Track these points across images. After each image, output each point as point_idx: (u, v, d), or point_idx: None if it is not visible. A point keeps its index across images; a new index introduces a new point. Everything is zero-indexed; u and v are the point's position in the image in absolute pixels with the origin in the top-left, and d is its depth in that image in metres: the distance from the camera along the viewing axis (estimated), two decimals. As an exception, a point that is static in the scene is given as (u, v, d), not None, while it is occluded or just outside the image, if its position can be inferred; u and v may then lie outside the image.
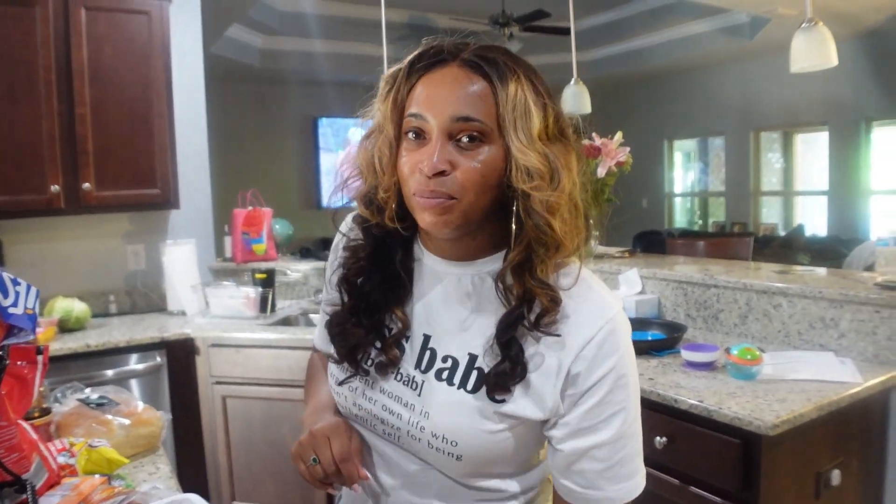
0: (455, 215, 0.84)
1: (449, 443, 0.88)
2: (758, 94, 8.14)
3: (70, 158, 2.92)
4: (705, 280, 2.52)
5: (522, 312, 0.86)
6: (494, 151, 0.83)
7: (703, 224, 9.65)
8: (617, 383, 0.87)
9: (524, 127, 0.82)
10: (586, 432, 0.87)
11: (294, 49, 7.66)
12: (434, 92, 0.84)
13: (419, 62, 0.87)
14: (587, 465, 0.88)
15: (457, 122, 0.82)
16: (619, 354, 0.87)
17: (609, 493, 0.88)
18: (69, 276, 3.22)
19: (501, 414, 0.87)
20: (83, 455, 1.26)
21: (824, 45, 2.44)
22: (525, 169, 0.82)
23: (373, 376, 0.95)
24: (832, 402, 1.75)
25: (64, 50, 2.89)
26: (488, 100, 0.83)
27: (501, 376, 0.86)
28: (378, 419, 0.95)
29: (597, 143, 2.92)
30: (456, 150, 0.83)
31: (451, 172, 0.83)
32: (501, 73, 0.83)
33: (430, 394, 0.91)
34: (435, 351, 0.93)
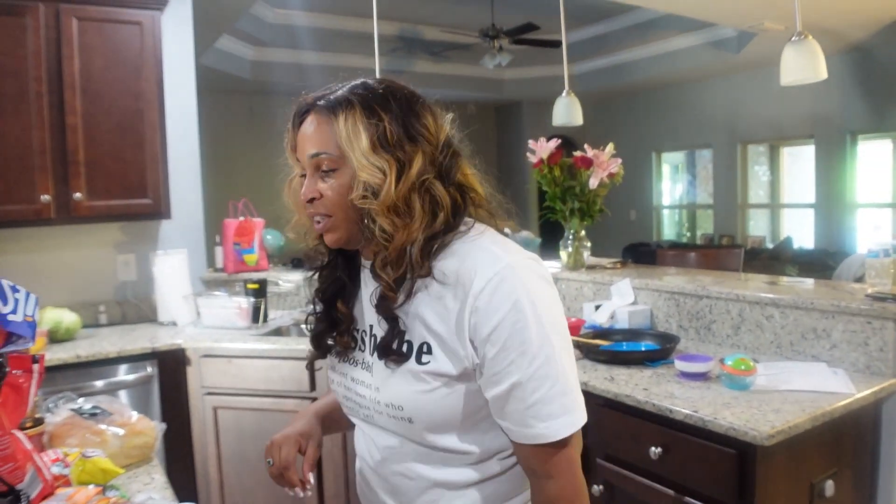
0: (338, 232, 1.05)
1: (397, 408, 1.04)
2: (745, 107, 8.23)
3: (61, 168, 2.90)
4: (697, 291, 2.53)
5: (379, 295, 1.04)
6: (345, 174, 1.01)
7: (691, 236, 9.71)
8: (514, 328, 0.96)
9: (358, 146, 0.99)
10: (500, 377, 0.98)
11: (285, 61, 7.66)
12: (300, 139, 1.06)
13: (295, 116, 1.09)
14: (512, 406, 0.99)
15: (312, 159, 1.03)
16: (513, 300, 0.96)
17: (539, 429, 0.98)
18: (59, 286, 3.19)
19: (428, 373, 1.01)
20: (77, 465, 1.25)
21: (814, 58, 2.48)
22: (363, 184, 0.99)
23: (344, 368, 1.15)
24: (826, 413, 1.76)
25: (55, 60, 2.88)
26: (329, 134, 1.01)
27: (384, 340, 1.04)
28: (357, 404, 1.12)
29: (588, 154, 2.94)
30: (320, 179, 1.03)
31: (321, 198, 1.03)
32: (336, 109, 1.02)
33: (378, 370, 1.07)
34: (376, 335, 1.09)
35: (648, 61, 8.16)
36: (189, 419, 2.86)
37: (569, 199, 2.96)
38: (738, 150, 8.57)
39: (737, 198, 8.67)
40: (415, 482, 1.09)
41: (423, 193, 1.01)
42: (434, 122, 1.05)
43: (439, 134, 1.05)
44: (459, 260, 1.00)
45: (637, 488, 1.93)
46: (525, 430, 0.99)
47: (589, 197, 2.94)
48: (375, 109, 1.01)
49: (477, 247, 1.02)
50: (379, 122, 1.00)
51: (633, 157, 9.00)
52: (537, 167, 2.99)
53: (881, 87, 6.68)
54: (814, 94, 6.50)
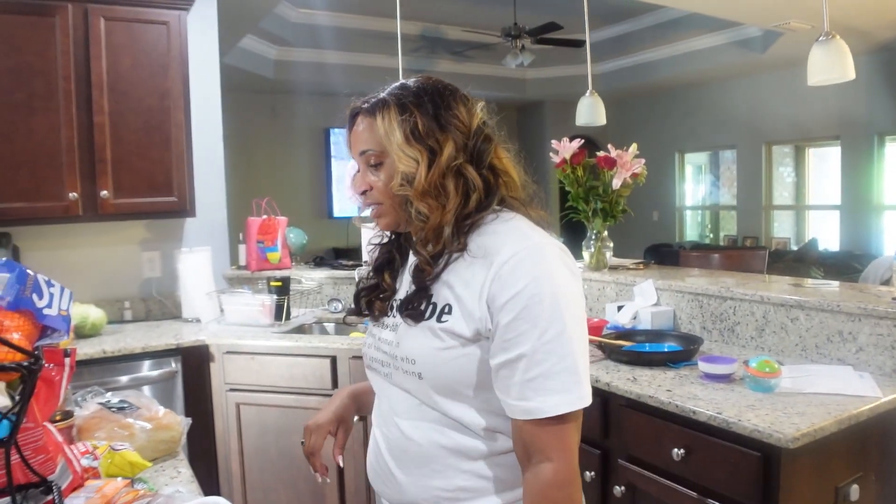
0: (387, 216, 1.17)
1: (410, 362, 1.11)
2: (770, 107, 8.14)
3: (88, 166, 2.95)
4: (721, 292, 2.52)
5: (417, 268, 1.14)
6: (389, 167, 1.13)
7: (713, 238, 9.62)
8: (531, 300, 1.02)
9: (394, 140, 1.10)
10: (508, 345, 1.03)
11: (307, 60, 7.71)
12: (352, 139, 1.18)
13: (349, 119, 1.19)
14: (515, 377, 1.03)
15: (361, 156, 1.16)
16: (534, 276, 1.03)
17: (536, 402, 1.02)
18: (85, 282, 3.24)
19: (444, 330, 1.08)
20: (106, 458, 1.27)
21: (842, 58, 2.45)
22: (401, 173, 1.10)
23: (375, 330, 1.23)
24: (852, 416, 1.74)
25: (83, 59, 2.93)
26: (372, 132, 1.13)
27: (407, 297, 1.14)
28: (380, 363, 1.20)
29: (612, 154, 2.93)
30: (370, 173, 1.16)
31: (371, 189, 1.16)
32: (375, 110, 1.13)
33: (401, 328, 1.15)
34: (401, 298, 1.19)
35: (672, 61, 8.10)
36: (212, 415, 2.89)
37: (592, 199, 2.95)
38: (763, 151, 8.48)
39: (761, 199, 8.58)
40: (423, 447, 1.12)
41: (457, 177, 1.11)
42: (465, 111, 1.15)
43: (471, 121, 1.14)
44: (491, 236, 1.09)
45: (659, 490, 1.92)
46: (522, 402, 1.02)
47: (612, 197, 2.93)
48: (407, 106, 1.12)
49: (510, 227, 1.11)
50: (410, 116, 1.11)
51: (656, 157, 8.93)
52: (560, 167, 2.98)
53: (909, 88, 6.59)
54: (841, 94, 6.42)
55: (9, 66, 2.80)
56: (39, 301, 0.89)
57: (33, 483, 1.02)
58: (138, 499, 1.11)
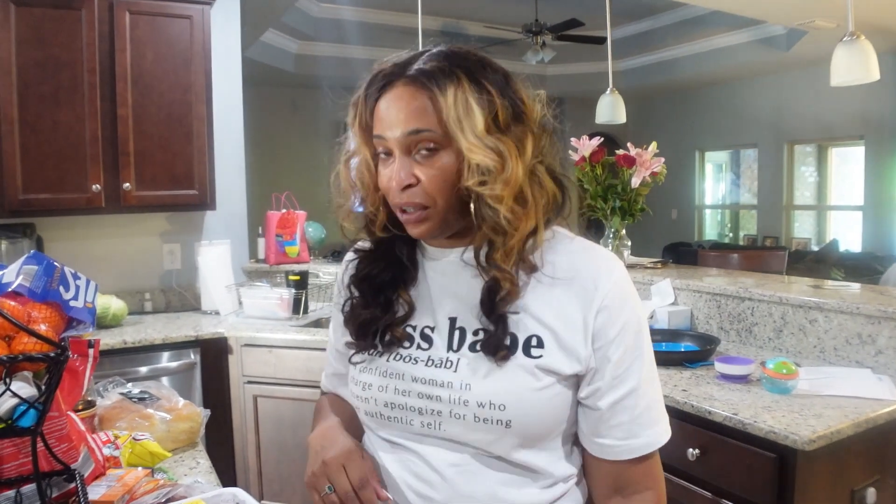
0: (432, 222, 0.92)
1: (497, 408, 0.90)
2: (792, 106, 8.05)
3: (111, 159, 2.99)
4: (739, 293, 2.50)
5: (489, 291, 0.93)
6: (449, 155, 0.89)
7: (733, 237, 9.54)
8: (637, 329, 0.94)
9: (470, 126, 0.87)
10: (619, 380, 0.93)
11: (329, 55, 7.73)
12: (386, 113, 0.91)
13: (371, 87, 0.94)
14: (623, 415, 0.93)
15: (409, 136, 0.89)
16: (633, 300, 0.95)
17: (646, 437, 0.94)
18: (107, 273, 3.29)
19: (541, 368, 0.91)
20: (127, 447, 1.29)
21: (866, 58, 2.43)
22: (475, 167, 0.87)
23: (394, 368, 0.97)
24: (869, 419, 1.73)
25: (108, 52, 2.96)
26: (433, 110, 0.88)
27: (493, 336, 0.91)
28: (415, 411, 0.95)
29: (631, 153, 2.92)
30: (417, 163, 0.90)
31: (418, 183, 0.90)
32: (440, 81, 0.88)
33: (467, 367, 0.93)
34: (464, 329, 0.96)
35: (694, 59, 8.03)
36: (230, 407, 2.92)
37: (610, 197, 2.94)
38: (785, 150, 8.39)
39: (782, 199, 8.49)
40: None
41: (532, 180, 0.92)
42: (530, 99, 0.95)
43: (534, 111, 0.95)
44: (567, 255, 0.95)
45: (674, 490, 1.92)
46: (631, 441, 0.93)
47: (630, 196, 2.92)
48: (483, 83, 0.89)
49: (581, 244, 0.98)
50: (490, 97, 0.89)
51: (676, 155, 8.87)
52: (579, 165, 2.98)
53: (936, 88, 6.48)
54: (865, 94, 6.32)
55: (36, 58, 2.84)
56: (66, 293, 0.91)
57: (57, 471, 1.04)
58: (158, 488, 1.13)
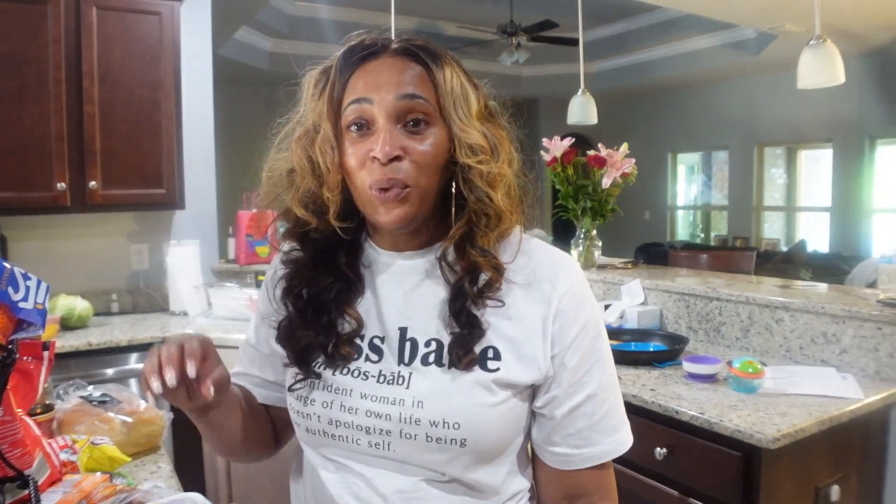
0: (411, 206, 0.84)
1: (451, 426, 0.84)
2: (762, 109, 8.16)
3: (77, 157, 2.93)
4: (708, 293, 2.52)
5: (464, 286, 0.87)
6: (439, 133, 0.85)
7: (705, 237, 9.65)
8: (594, 332, 0.90)
9: (463, 107, 0.85)
10: (576, 387, 0.89)
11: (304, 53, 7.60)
12: (374, 77, 0.84)
13: (352, 55, 0.87)
14: (580, 423, 0.89)
15: (403, 100, 0.83)
16: (590, 302, 0.91)
17: (605, 445, 0.90)
18: (72, 273, 3.23)
19: (498, 382, 0.86)
20: (85, 452, 1.26)
21: (832, 62, 2.46)
22: (468, 146, 0.84)
23: (340, 382, 0.90)
24: (833, 418, 1.75)
25: (74, 48, 2.91)
26: (427, 82, 0.85)
27: (461, 340, 0.86)
28: (362, 430, 0.88)
29: (602, 153, 2.93)
30: (404, 135, 0.83)
31: (404, 158, 0.83)
32: (435, 57, 0.86)
33: (420, 382, 0.87)
34: (416, 340, 0.90)
35: (667, 61, 8.11)
36: (198, 408, 2.88)
37: (581, 197, 2.95)
38: (755, 153, 8.51)
39: (752, 200, 8.61)
40: None
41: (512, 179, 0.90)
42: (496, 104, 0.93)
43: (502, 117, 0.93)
44: (523, 256, 0.90)
45: (642, 489, 1.93)
46: (587, 449, 0.90)
47: (601, 196, 2.94)
48: (469, 75, 0.89)
49: (537, 244, 0.93)
50: (475, 87, 0.88)
51: (649, 156, 8.95)
52: (551, 165, 2.99)
53: (902, 91, 6.62)
54: (833, 97, 6.43)
55: (0, 53, 2.78)
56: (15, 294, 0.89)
57: (10, 477, 1.01)
58: (116, 493, 1.10)
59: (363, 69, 0.86)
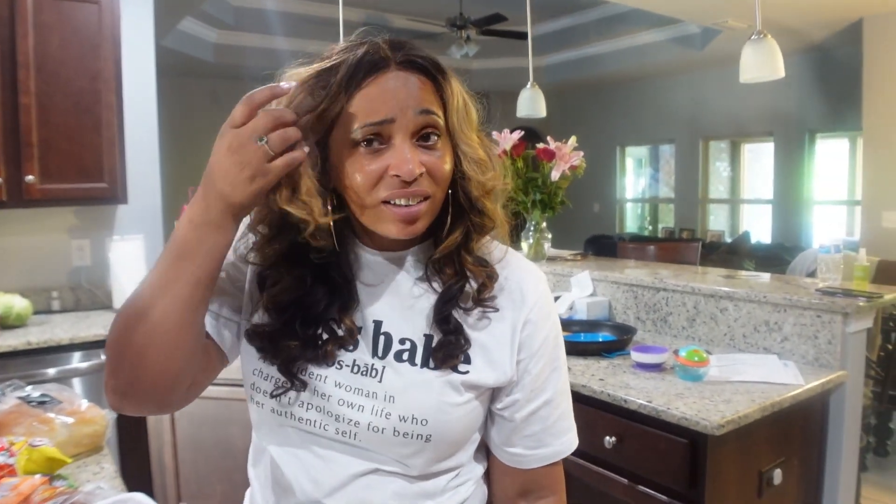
0: (428, 217, 0.85)
1: (419, 423, 0.86)
2: (707, 103, 8.33)
3: (13, 150, 2.82)
4: (655, 284, 2.57)
5: (456, 291, 0.90)
6: (446, 146, 0.86)
7: (652, 230, 9.82)
8: (555, 342, 0.95)
9: (466, 121, 0.87)
10: (536, 393, 0.93)
11: (249, 45, 7.54)
12: (392, 95, 0.81)
13: (357, 74, 0.82)
14: (536, 426, 0.94)
15: (420, 116, 0.82)
16: (554, 314, 0.96)
17: (555, 447, 0.96)
18: (10, 271, 3.11)
19: (465, 384, 0.89)
20: (23, 455, 1.22)
21: (772, 56, 2.52)
22: (474, 160, 0.87)
23: (324, 370, 0.89)
24: (775, 403, 1.80)
25: (8, 38, 2.79)
26: (437, 97, 0.85)
27: (447, 346, 0.88)
28: (332, 416, 0.87)
29: (551, 146, 2.95)
30: (420, 150, 0.83)
31: (423, 173, 0.82)
32: (441, 71, 0.86)
33: (393, 378, 0.88)
34: (390, 335, 0.90)
35: (615, 55, 8.21)
36: (144, 407, 2.82)
37: (531, 190, 2.97)
38: (700, 146, 8.69)
39: (698, 192, 8.79)
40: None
41: None
42: None
43: None
44: (500, 267, 0.93)
45: (592, 477, 1.95)
46: (541, 450, 0.95)
47: (551, 189, 2.96)
48: (467, 88, 0.92)
49: (507, 254, 0.95)
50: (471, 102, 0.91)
51: (598, 150, 9.06)
52: (500, 158, 2.99)
53: (839, 87, 6.80)
54: (774, 92, 6.60)
55: (-74, 43, 2.66)
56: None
57: (-59, 481, 0.97)
58: (56, 496, 1.07)
59: (374, 85, 0.82)
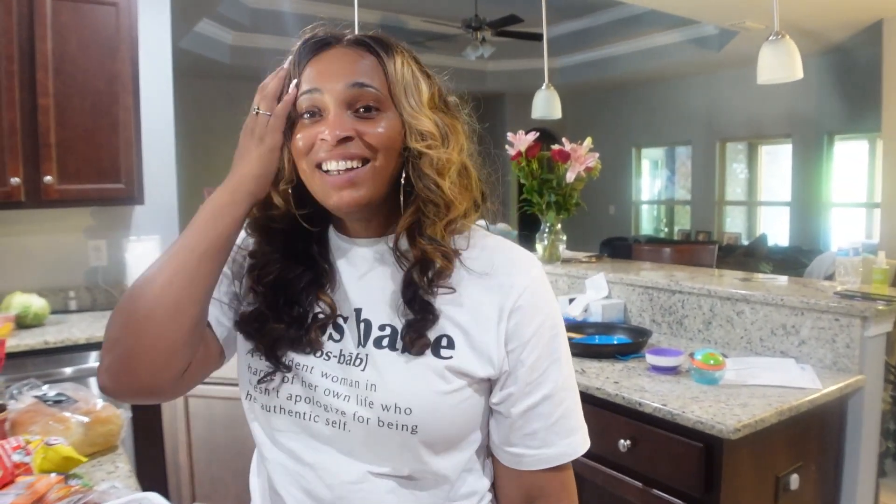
0: (366, 187, 0.84)
1: (402, 412, 0.84)
2: (724, 105, 8.28)
3: (32, 150, 2.85)
4: (671, 286, 2.55)
5: (414, 273, 0.87)
6: (392, 118, 0.86)
7: (668, 232, 9.77)
8: (552, 332, 0.90)
9: (414, 94, 0.87)
10: (533, 387, 0.89)
11: (265, 46, 7.58)
12: (325, 67, 0.87)
13: (306, 47, 0.90)
14: (536, 423, 0.89)
15: (352, 88, 0.84)
16: (549, 302, 0.91)
17: (561, 447, 0.90)
18: (28, 271, 3.14)
19: (451, 370, 0.86)
20: (39, 453, 1.23)
21: (790, 58, 2.50)
22: (419, 132, 0.85)
23: (311, 361, 0.90)
24: (792, 408, 1.78)
25: (28, 40, 2.82)
26: (378, 71, 0.86)
27: (415, 325, 0.86)
28: (321, 406, 0.88)
29: (566, 148, 2.94)
30: (355, 120, 0.85)
31: (355, 138, 0.84)
32: (386, 47, 0.88)
33: (374, 365, 0.87)
34: (369, 321, 0.90)
35: (631, 57, 8.18)
36: (159, 406, 2.83)
37: (545, 192, 2.96)
38: (717, 148, 8.63)
39: (714, 194, 8.73)
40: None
41: (463, 169, 0.90)
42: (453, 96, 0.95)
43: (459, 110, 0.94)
44: (484, 250, 0.91)
45: (606, 480, 1.94)
46: (544, 450, 0.90)
47: (566, 190, 2.95)
48: (422, 66, 0.91)
49: (498, 240, 0.94)
50: (428, 77, 0.90)
51: (614, 151, 9.03)
52: (515, 160, 2.99)
53: (858, 89, 6.74)
54: (792, 93, 6.55)
55: (-52, 45, 2.69)
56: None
57: (-43, 479, 0.98)
58: (71, 495, 1.07)
59: (316, 59, 0.88)
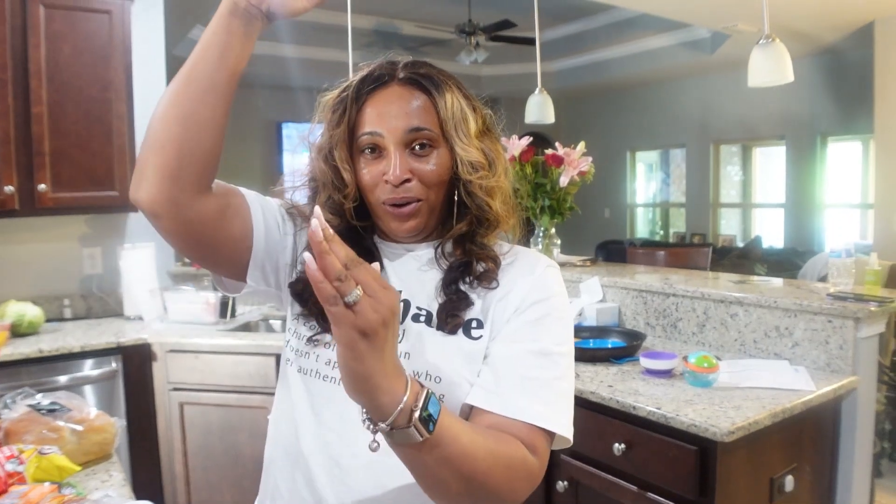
0: (421, 218, 0.97)
1: (433, 379, 0.92)
2: (718, 107, 8.30)
3: (25, 158, 2.85)
4: (665, 289, 2.56)
5: (461, 265, 0.98)
6: (443, 153, 0.97)
7: (664, 235, 9.78)
8: (559, 311, 0.97)
9: (463, 129, 0.97)
10: (538, 333, 0.94)
11: (259, 53, 7.56)
12: (384, 110, 0.96)
13: (363, 87, 0.98)
14: (535, 372, 0.92)
15: (409, 133, 0.95)
16: (562, 292, 1.00)
17: (538, 409, 0.89)
18: (22, 279, 3.14)
19: (478, 354, 0.94)
20: (32, 462, 1.23)
21: (781, 60, 2.51)
22: (469, 163, 0.96)
23: None
24: (786, 410, 1.79)
25: (21, 48, 2.83)
26: (431, 111, 0.96)
27: (450, 304, 0.96)
28: None
29: (560, 152, 2.95)
30: (412, 157, 0.96)
31: (413, 178, 0.95)
32: (437, 84, 0.97)
33: (410, 337, 0.95)
34: (409, 302, 0.99)
35: (624, 60, 8.20)
36: (154, 415, 2.83)
37: (539, 196, 2.97)
38: (711, 150, 8.65)
39: (709, 197, 8.75)
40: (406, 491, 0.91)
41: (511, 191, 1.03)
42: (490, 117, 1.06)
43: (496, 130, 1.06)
44: (512, 254, 1.02)
45: (601, 484, 1.94)
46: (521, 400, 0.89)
47: (559, 195, 2.96)
48: (469, 97, 1.01)
49: (515, 246, 1.05)
50: (473, 107, 1.01)
51: (608, 155, 9.05)
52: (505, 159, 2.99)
53: (851, 90, 6.76)
54: (785, 95, 6.57)
55: (-60, 54, 2.69)
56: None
57: (-50, 489, 0.98)
58: None
59: (375, 99, 0.97)
